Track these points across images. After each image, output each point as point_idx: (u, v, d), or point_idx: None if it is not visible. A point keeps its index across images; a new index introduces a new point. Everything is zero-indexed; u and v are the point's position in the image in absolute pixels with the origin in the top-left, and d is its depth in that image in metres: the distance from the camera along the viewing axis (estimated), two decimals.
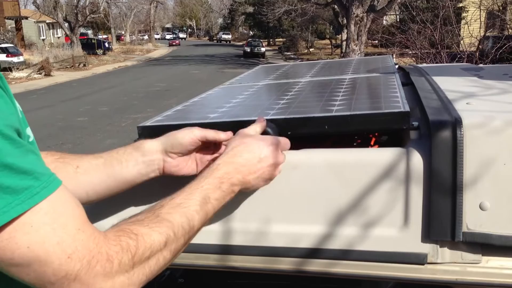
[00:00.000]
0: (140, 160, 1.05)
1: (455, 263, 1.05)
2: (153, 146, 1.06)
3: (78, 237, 0.70)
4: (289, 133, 1.13)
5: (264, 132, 1.11)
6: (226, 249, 1.16)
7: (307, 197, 1.11)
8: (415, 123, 1.10)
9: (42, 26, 45.13)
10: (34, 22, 42.36)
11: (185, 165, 1.08)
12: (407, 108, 1.12)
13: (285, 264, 1.14)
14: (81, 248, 0.69)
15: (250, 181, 0.98)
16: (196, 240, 1.16)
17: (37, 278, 0.68)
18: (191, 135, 1.06)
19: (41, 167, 0.70)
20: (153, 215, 0.83)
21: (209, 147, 1.11)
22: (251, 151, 0.98)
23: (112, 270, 0.72)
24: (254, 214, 1.14)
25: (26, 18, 40.64)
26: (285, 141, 1.05)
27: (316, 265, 1.12)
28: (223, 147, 1.09)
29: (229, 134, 1.08)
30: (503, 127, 1.00)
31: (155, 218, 0.82)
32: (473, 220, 1.02)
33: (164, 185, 1.00)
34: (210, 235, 1.16)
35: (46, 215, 0.67)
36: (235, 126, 1.17)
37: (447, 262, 1.05)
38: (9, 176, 0.64)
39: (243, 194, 1.12)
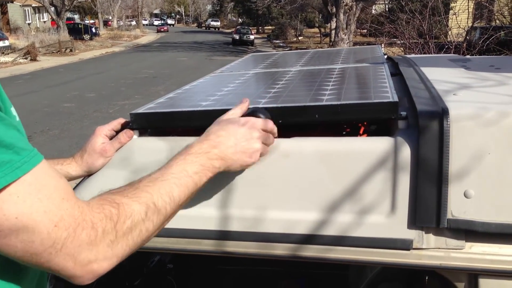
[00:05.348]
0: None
1: (439, 248, 1.09)
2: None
3: (63, 206, 0.72)
4: (280, 121, 1.15)
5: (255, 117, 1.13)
6: (220, 235, 1.19)
7: (298, 184, 1.14)
8: (403, 113, 1.13)
9: (28, 10, 44.43)
10: (20, 5, 41.68)
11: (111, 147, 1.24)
12: (396, 98, 1.15)
13: (279, 250, 1.17)
14: (66, 217, 0.72)
15: (230, 155, 0.99)
16: (189, 225, 1.18)
17: (24, 250, 0.71)
18: (99, 140, 1.25)
19: (22, 142, 0.72)
20: (131, 188, 0.86)
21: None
22: (225, 129, 1.02)
23: (96, 238, 0.74)
24: (248, 201, 1.17)
25: (12, 1, 39.88)
26: (267, 123, 1.07)
27: (308, 251, 1.15)
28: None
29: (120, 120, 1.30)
30: (489, 119, 1.03)
31: (134, 190, 0.85)
32: (457, 207, 1.05)
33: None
34: (204, 220, 1.18)
35: (30, 186, 0.70)
36: None
37: (432, 247, 1.09)
38: None
39: (237, 179, 1.14)
